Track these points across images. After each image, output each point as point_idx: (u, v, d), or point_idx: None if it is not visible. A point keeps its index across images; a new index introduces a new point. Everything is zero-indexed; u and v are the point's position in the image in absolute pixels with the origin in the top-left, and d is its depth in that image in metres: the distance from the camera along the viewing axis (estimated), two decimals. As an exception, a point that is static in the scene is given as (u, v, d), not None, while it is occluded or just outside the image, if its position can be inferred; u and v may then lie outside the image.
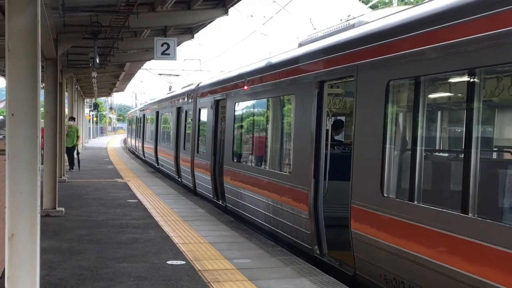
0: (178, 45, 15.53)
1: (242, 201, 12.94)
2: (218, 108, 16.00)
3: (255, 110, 13.23)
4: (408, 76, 7.05)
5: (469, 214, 5.89)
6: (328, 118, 9.96)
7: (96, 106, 64.28)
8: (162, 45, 14.67)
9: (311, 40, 10.73)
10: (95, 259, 9.13)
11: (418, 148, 6.92)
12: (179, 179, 21.31)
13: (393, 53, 7.23)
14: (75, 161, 25.05)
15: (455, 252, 6.03)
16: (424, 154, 6.97)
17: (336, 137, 11.88)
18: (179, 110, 22.11)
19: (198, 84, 19.36)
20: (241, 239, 10.85)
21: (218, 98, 15.77)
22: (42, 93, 8.30)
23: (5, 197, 6.03)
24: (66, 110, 28.51)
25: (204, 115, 17.61)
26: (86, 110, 61.44)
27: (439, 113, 7.57)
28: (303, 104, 9.82)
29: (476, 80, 6.04)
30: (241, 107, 13.96)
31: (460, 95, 6.87)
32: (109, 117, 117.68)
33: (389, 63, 7.30)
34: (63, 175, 21.07)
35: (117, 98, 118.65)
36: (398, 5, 29.79)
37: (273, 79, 11.35)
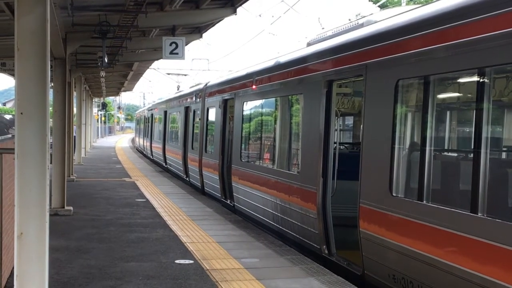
0: (186, 45, 15.55)
1: (250, 200, 12.93)
2: (226, 108, 16.00)
3: (263, 109, 13.22)
4: (417, 75, 7.02)
5: (479, 214, 5.86)
6: (336, 118, 9.94)
7: (104, 106, 64.44)
8: (170, 45, 14.69)
9: (320, 39, 10.71)
10: (104, 258, 9.15)
11: (427, 147, 6.89)
12: (187, 179, 21.33)
13: (402, 52, 7.20)
14: None
15: (464, 251, 6.00)
16: (433, 153, 6.94)
17: None
18: (187, 109, 22.13)
19: (206, 84, 19.36)
20: (249, 239, 10.85)
21: (226, 97, 15.77)
22: (50, 92, 8.32)
23: (14, 195, 6.05)
24: (75, 110, 28.58)
25: (212, 115, 17.62)
26: (95, 110, 61.59)
27: (448, 112, 7.54)
28: (312, 103, 9.80)
29: (486, 79, 6.01)
30: (249, 107, 13.95)
31: (469, 94, 6.84)
32: (117, 117, 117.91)
33: (398, 63, 7.28)
34: (72, 174, 21.13)
35: (125, 98, 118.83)
36: (407, 4, 29.72)
37: (282, 78, 11.34)
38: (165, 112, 28.53)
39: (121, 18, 14.52)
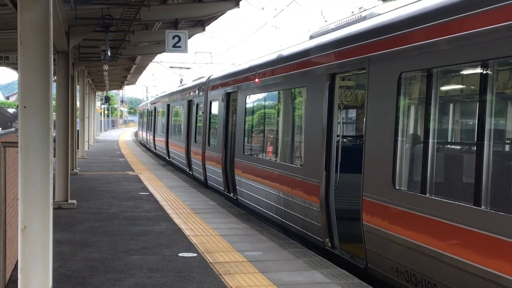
0: (189, 38, 15.53)
1: (253, 194, 12.95)
2: (229, 101, 16.00)
3: (266, 102, 13.21)
4: (420, 68, 7.01)
5: (482, 207, 5.86)
6: (339, 111, 9.94)
7: (107, 99, 64.55)
8: (173, 38, 14.69)
9: (323, 32, 10.70)
10: (107, 251, 9.18)
11: (430, 140, 6.89)
12: (190, 172, 21.35)
13: (405, 45, 7.19)
14: None
15: (467, 244, 6.00)
16: (436, 146, 6.94)
17: None
18: (190, 103, 22.13)
19: (209, 77, 19.35)
20: (252, 232, 10.86)
21: (229, 90, 15.76)
22: (54, 86, 8.33)
23: (18, 189, 6.06)
24: (78, 103, 28.60)
25: (215, 108, 17.62)
26: (98, 103, 61.65)
27: (451, 105, 7.54)
28: (314, 96, 9.79)
29: (489, 72, 6.00)
30: (252, 100, 13.95)
31: (472, 87, 6.83)
32: (120, 110, 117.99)
33: (401, 55, 7.26)
34: (75, 167, 21.17)
35: (128, 91, 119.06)
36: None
37: (284, 71, 11.33)
38: (168, 106, 28.54)
39: (124, 12, 14.52)
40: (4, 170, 6.74)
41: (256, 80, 12.92)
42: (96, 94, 54.87)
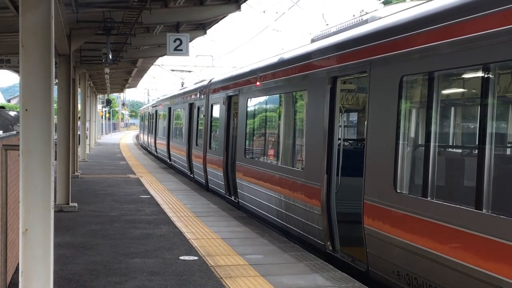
0: (190, 41, 15.55)
1: (255, 197, 12.94)
2: (230, 104, 16.00)
3: (268, 106, 13.21)
4: (421, 71, 7.01)
5: (483, 210, 5.85)
6: (340, 114, 9.94)
7: (108, 102, 64.56)
8: (174, 41, 14.71)
9: (324, 35, 10.70)
10: (108, 254, 9.17)
11: (432, 144, 6.88)
12: (192, 175, 21.35)
13: (406, 49, 7.19)
14: None
15: (469, 248, 5.99)
16: (437, 150, 6.94)
17: None
18: (191, 106, 22.14)
19: (211, 80, 19.36)
20: (253, 235, 10.86)
21: (230, 94, 15.77)
22: (55, 89, 8.33)
23: (19, 192, 6.06)
24: (79, 106, 28.61)
25: (217, 111, 17.63)
26: (99, 106, 61.67)
27: (452, 108, 7.53)
28: (316, 100, 9.79)
29: (490, 75, 6.00)
30: (253, 103, 13.95)
31: (474, 90, 6.83)
32: (122, 113, 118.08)
33: (403, 59, 7.26)
34: (76, 170, 21.17)
35: (129, 94, 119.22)
36: (411, 0, 29.59)
37: (286, 74, 11.33)
38: (169, 109, 28.54)
39: (125, 15, 14.53)
40: (5, 173, 6.74)
41: (257, 83, 12.92)
42: (98, 97, 54.89)
